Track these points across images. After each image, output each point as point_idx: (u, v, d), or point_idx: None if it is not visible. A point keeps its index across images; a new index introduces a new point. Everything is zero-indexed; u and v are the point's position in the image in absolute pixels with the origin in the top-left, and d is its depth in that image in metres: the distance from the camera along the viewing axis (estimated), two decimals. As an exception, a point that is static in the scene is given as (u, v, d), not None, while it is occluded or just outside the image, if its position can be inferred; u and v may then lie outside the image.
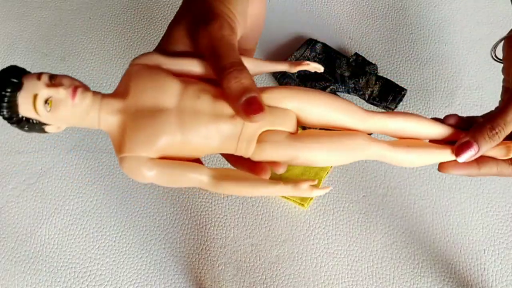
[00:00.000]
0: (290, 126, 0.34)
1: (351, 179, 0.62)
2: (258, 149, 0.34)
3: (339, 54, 0.69)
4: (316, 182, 0.35)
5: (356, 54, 0.68)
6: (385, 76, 0.68)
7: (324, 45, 0.69)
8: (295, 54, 0.68)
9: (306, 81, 0.66)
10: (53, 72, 0.33)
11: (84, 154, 0.65)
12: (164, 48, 0.35)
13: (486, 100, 0.67)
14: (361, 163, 0.62)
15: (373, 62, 0.68)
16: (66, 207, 0.61)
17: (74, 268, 0.58)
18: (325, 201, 0.60)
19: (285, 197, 0.60)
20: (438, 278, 0.56)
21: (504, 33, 0.71)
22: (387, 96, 0.65)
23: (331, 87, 0.66)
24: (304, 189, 0.35)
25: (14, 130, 0.67)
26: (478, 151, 0.37)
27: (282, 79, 0.67)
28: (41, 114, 0.31)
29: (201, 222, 0.60)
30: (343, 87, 0.66)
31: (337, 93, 0.66)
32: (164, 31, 0.38)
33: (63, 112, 0.32)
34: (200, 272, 0.57)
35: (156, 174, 0.33)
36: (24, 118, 0.31)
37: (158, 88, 0.32)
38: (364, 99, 0.66)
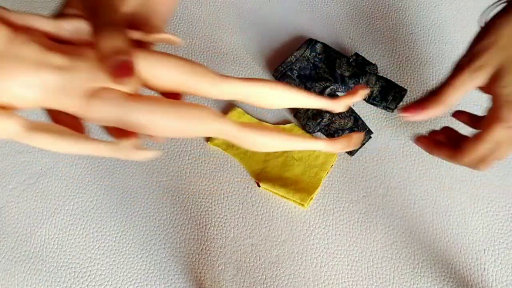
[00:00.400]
0: (130, 87, 0.32)
1: (351, 179, 0.62)
2: (88, 105, 0.31)
3: (339, 54, 0.69)
4: (137, 141, 0.32)
5: (356, 54, 0.68)
6: (385, 76, 0.68)
7: (324, 45, 0.69)
8: (295, 54, 0.68)
9: (306, 81, 0.66)
10: None
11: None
12: (58, 11, 0.33)
13: (486, 100, 0.67)
14: (361, 163, 0.62)
15: (373, 62, 0.68)
16: (66, 207, 0.61)
17: (74, 268, 0.58)
18: (325, 201, 0.60)
19: (285, 197, 0.60)
20: (438, 278, 0.56)
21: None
22: (387, 96, 0.65)
23: (331, 87, 0.66)
24: (124, 147, 0.32)
25: (14, 130, 0.67)
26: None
27: (282, 79, 0.67)
28: None
29: (201, 222, 0.60)
30: (343, 87, 0.66)
31: (337, 93, 0.66)
32: None
33: None
34: (200, 272, 0.57)
35: None
36: None
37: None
38: (364, 99, 0.66)
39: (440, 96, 0.43)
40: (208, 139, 0.65)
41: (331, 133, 0.64)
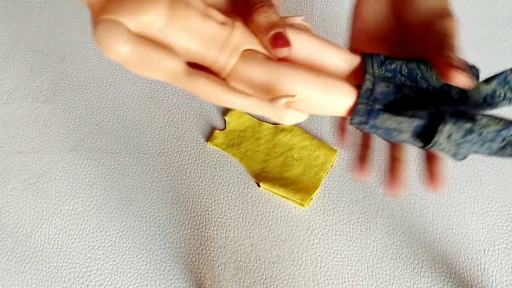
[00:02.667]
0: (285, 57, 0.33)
1: (351, 179, 0.62)
2: (238, 63, 0.32)
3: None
4: (294, 99, 0.32)
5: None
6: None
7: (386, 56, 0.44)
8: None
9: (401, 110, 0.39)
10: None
11: (84, 154, 0.65)
12: None
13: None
14: (361, 163, 0.62)
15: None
16: (66, 207, 0.61)
17: (74, 268, 0.58)
18: (325, 201, 0.60)
19: (285, 197, 0.60)
20: (438, 278, 0.56)
21: (505, 32, 0.71)
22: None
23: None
24: (280, 106, 0.32)
25: (14, 130, 0.67)
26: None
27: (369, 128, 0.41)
28: None
29: (201, 222, 0.60)
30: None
31: None
32: None
33: None
34: (200, 272, 0.57)
35: (129, 51, 0.30)
36: None
37: None
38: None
39: None
40: (208, 139, 0.65)
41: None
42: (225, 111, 0.67)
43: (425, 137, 0.33)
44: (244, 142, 0.64)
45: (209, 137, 0.65)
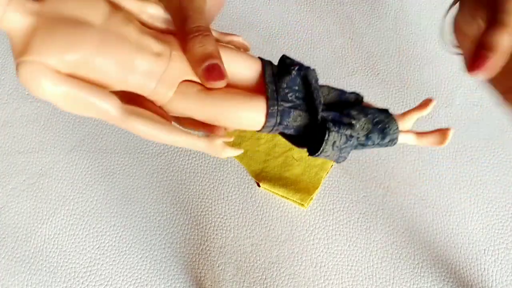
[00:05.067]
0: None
1: (351, 179, 0.62)
2: (174, 96, 0.32)
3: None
4: (231, 140, 0.33)
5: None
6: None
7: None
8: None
9: None
10: None
11: (84, 154, 0.65)
12: None
13: (486, 100, 0.67)
14: (360, 163, 0.62)
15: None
16: (66, 207, 0.61)
17: (74, 268, 0.58)
18: (325, 201, 0.60)
19: (285, 197, 0.60)
20: (438, 278, 0.56)
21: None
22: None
23: None
24: (217, 145, 0.32)
25: (14, 130, 0.67)
26: (492, 52, 0.33)
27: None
28: None
29: (201, 222, 0.60)
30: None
31: None
32: None
33: None
34: (200, 272, 0.57)
35: (60, 92, 0.28)
36: None
37: (84, 1, 0.29)
38: None
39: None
40: (208, 139, 0.65)
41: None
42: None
43: (306, 143, 0.35)
44: (244, 142, 0.64)
45: (209, 137, 0.65)
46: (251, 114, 0.32)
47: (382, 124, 0.37)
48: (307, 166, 0.62)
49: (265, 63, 0.35)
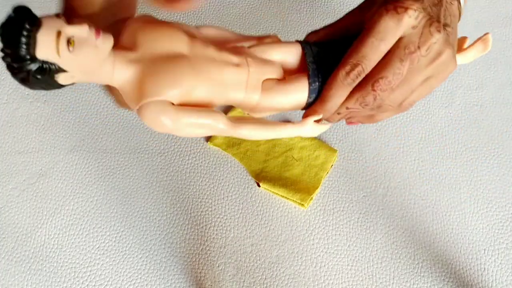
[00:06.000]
0: (280, 75, 0.37)
1: (351, 179, 0.62)
2: (261, 96, 0.35)
3: None
4: (320, 117, 0.37)
5: None
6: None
7: None
8: None
9: None
10: None
11: (84, 154, 0.65)
12: None
13: (486, 100, 0.67)
14: (361, 163, 0.62)
15: None
16: (66, 207, 0.61)
17: (74, 268, 0.58)
18: (325, 201, 0.60)
19: (285, 197, 0.60)
20: (438, 278, 0.56)
21: (505, 32, 0.71)
22: None
23: None
24: (310, 124, 0.37)
25: (14, 130, 0.67)
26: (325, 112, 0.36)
27: None
28: (62, 55, 0.28)
29: (201, 222, 0.60)
30: None
31: None
32: None
33: (85, 53, 0.29)
34: (200, 272, 0.57)
35: (176, 122, 0.32)
36: (38, 62, 0.28)
37: (168, 36, 0.33)
38: None
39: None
40: (208, 139, 0.65)
41: None
42: (225, 111, 0.67)
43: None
44: (244, 142, 0.64)
45: (209, 137, 0.65)
46: (298, 95, 0.36)
47: None
48: (307, 166, 0.62)
49: (304, 46, 0.38)
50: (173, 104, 0.32)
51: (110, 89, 0.37)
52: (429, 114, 0.66)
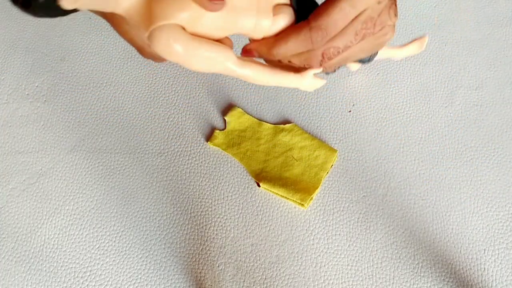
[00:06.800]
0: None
1: (351, 179, 0.62)
2: (273, 22, 0.35)
3: None
4: (319, 71, 0.37)
5: None
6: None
7: None
8: None
9: None
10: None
11: (84, 154, 0.65)
12: None
13: (486, 100, 0.67)
14: (361, 163, 0.62)
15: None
16: (66, 207, 0.61)
17: (74, 268, 0.58)
18: (325, 201, 0.60)
19: (285, 197, 0.60)
20: (438, 278, 0.56)
21: (505, 32, 0.71)
22: None
23: None
24: (309, 77, 0.37)
25: (14, 130, 0.67)
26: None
27: None
28: None
29: (201, 222, 0.60)
30: None
31: None
32: None
33: None
34: (200, 272, 0.57)
35: (186, 49, 0.31)
36: None
37: None
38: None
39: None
40: (208, 139, 0.65)
41: None
42: (225, 111, 0.67)
43: None
44: (244, 142, 0.64)
45: (209, 137, 0.65)
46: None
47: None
48: (307, 166, 0.62)
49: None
50: (184, 30, 0.32)
51: (113, 20, 0.35)
52: (429, 114, 0.66)
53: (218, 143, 0.64)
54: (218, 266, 0.57)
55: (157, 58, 0.40)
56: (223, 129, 0.66)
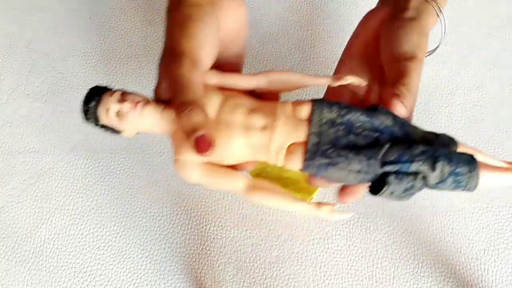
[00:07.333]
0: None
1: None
2: (286, 160, 0.38)
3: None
4: (335, 208, 0.40)
5: None
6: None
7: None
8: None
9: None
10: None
11: (84, 154, 0.65)
12: (156, 84, 0.41)
13: (486, 100, 0.67)
14: (361, 163, 0.62)
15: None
16: (66, 207, 0.61)
17: (74, 268, 0.58)
18: (325, 201, 0.60)
19: (285, 197, 0.60)
20: (438, 278, 0.56)
21: (505, 32, 0.72)
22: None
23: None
24: (325, 211, 0.40)
25: (14, 130, 0.67)
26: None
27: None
28: (112, 123, 0.39)
29: (201, 222, 0.60)
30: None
31: None
32: (163, 32, 0.41)
33: (129, 121, 0.39)
34: (200, 272, 0.57)
35: (200, 179, 0.39)
36: (103, 125, 0.40)
37: (204, 103, 0.38)
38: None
39: None
40: (208, 139, 0.65)
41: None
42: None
43: (372, 187, 0.39)
44: (244, 142, 0.64)
45: (209, 137, 0.65)
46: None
47: (460, 177, 0.37)
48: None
49: (315, 105, 0.39)
50: (200, 163, 0.39)
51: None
52: (429, 114, 0.66)
53: (218, 143, 0.64)
54: (218, 266, 0.57)
55: None
56: (223, 129, 0.65)
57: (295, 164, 0.38)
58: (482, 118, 0.65)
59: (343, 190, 0.41)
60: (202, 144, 0.35)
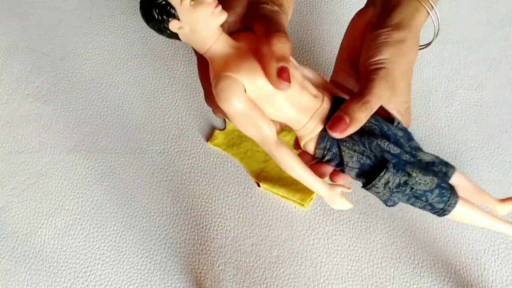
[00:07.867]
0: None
1: (351, 179, 0.61)
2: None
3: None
4: (350, 191, 0.42)
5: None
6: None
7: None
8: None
9: None
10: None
11: (84, 154, 0.65)
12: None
13: (486, 100, 0.67)
14: (361, 163, 0.62)
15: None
16: (66, 207, 0.61)
17: (74, 268, 0.58)
18: (323, 202, 0.60)
19: (285, 197, 0.60)
20: (438, 278, 0.56)
21: (505, 32, 0.71)
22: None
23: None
24: (337, 193, 0.42)
25: (14, 130, 0.67)
26: (350, 122, 0.38)
27: None
28: (184, 4, 0.34)
29: (201, 222, 0.60)
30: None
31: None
32: None
33: (199, 13, 0.34)
34: (200, 272, 0.57)
35: (241, 109, 0.35)
36: (164, 3, 0.34)
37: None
38: None
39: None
40: (208, 139, 0.65)
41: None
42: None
43: (366, 177, 0.42)
44: (244, 142, 0.64)
45: (209, 137, 0.65)
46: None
47: (445, 191, 0.41)
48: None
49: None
50: (246, 93, 0.35)
51: (201, 60, 0.40)
52: (429, 114, 0.66)
53: (218, 143, 0.64)
54: (218, 266, 0.57)
55: (216, 108, 0.42)
56: (223, 129, 0.66)
57: (317, 129, 0.39)
58: (482, 118, 0.65)
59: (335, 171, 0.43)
60: (286, 74, 0.34)
